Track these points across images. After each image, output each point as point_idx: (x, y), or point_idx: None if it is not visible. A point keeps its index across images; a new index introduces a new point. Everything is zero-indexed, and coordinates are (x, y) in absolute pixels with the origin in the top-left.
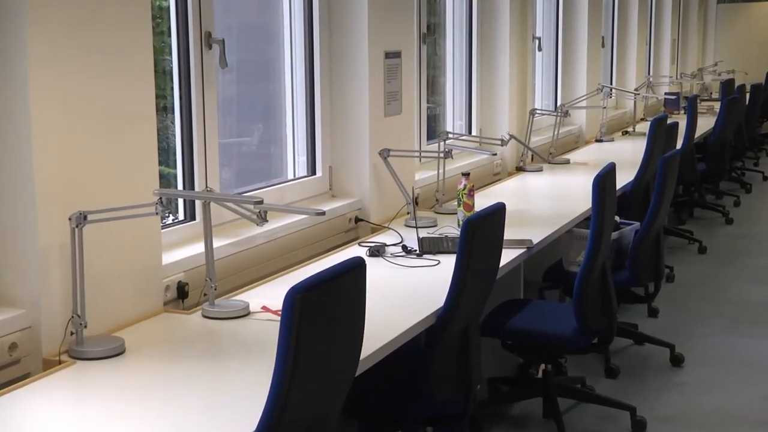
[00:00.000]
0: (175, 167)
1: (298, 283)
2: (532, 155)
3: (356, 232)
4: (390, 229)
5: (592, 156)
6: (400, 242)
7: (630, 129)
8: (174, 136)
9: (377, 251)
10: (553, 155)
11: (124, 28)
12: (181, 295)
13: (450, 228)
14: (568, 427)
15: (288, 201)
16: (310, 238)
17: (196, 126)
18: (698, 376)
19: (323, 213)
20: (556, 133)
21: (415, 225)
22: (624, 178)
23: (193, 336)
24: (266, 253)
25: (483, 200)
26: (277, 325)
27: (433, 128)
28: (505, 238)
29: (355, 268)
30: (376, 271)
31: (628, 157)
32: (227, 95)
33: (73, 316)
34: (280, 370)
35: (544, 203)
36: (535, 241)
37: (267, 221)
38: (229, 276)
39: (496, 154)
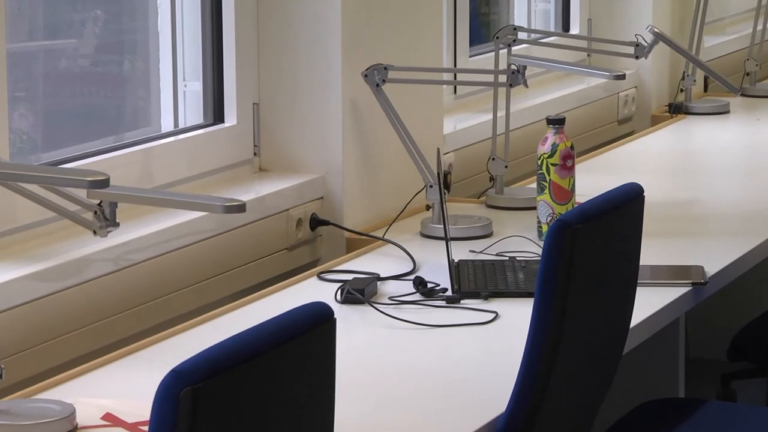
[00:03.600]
0: None
1: (185, 363)
2: (706, 79)
3: (313, 249)
4: (388, 243)
5: None
6: (411, 272)
7: None
8: None
9: (359, 292)
10: (754, 78)
11: None
12: None
13: (521, 239)
14: None
15: (164, 181)
16: (215, 262)
17: None
18: None
19: (241, 207)
20: (761, 28)
21: (444, 234)
22: None
23: None
24: (117, 296)
25: (594, 179)
26: None
27: (484, 20)
28: (643, 263)
29: (313, 330)
30: (359, 335)
31: None
32: None
33: None
34: None
35: (734, 187)
36: (712, 271)
37: (118, 225)
38: (33, 348)
39: (623, 77)
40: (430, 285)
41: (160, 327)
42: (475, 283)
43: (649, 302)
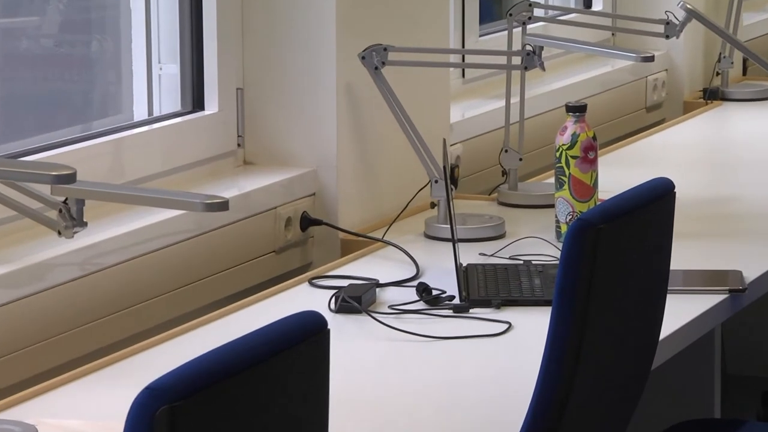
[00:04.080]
0: None
1: (162, 379)
2: (745, 61)
3: (304, 252)
4: (388, 245)
5: None
6: (414, 277)
7: None
8: None
9: (356, 300)
10: None
11: None
12: None
13: (537, 241)
14: None
15: (137, 175)
16: (194, 267)
17: None
18: None
19: (223, 204)
20: None
21: (451, 235)
22: None
23: None
24: (84, 305)
25: (619, 173)
26: None
27: None
28: (675, 268)
29: (304, 342)
30: (355, 348)
31: None
32: None
33: None
34: None
35: None
36: (752, 276)
37: (85, 225)
38: None
39: (652, 59)
40: (435, 292)
41: (132, 339)
42: (485, 290)
43: (681, 311)
